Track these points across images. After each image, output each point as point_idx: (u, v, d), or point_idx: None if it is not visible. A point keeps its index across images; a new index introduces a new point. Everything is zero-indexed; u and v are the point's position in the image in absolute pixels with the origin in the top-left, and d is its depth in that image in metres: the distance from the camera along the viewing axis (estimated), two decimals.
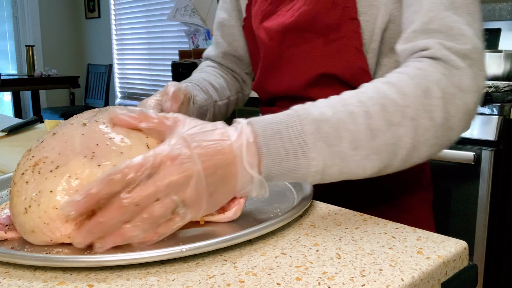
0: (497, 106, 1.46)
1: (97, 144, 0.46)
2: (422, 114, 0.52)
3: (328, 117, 0.50)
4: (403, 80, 0.54)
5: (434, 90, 0.53)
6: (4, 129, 1.11)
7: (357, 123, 0.50)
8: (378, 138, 0.50)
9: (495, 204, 1.50)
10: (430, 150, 0.54)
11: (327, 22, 0.71)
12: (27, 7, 4.87)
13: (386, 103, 0.52)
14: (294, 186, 0.63)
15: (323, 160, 0.49)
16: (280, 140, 0.48)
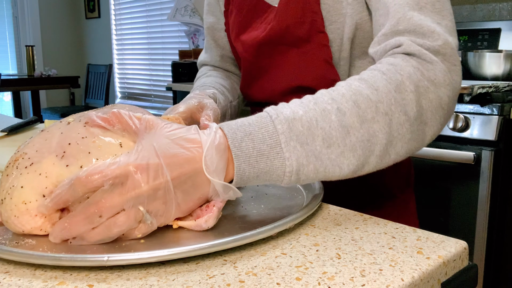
0: (497, 106, 1.46)
1: (69, 144, 0.47)
2: (395, 108, 0.52)
3: (299, 116, 0.49)
4: (375, 76, 0.54)
5: (406, 84, 0.53)
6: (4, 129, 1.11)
7: (330, 120, 0.49)
8: (352, 135, 0.50)
9: (495, 204, 1.50)
10: (407, 146, 0.53)
11: (298, 34, 0.73)
12: (27, 7, 4.87)
13: (358, 99, 0.51)
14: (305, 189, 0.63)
15: (297, 160, 0.48)
16: (252, 141, 0.47)
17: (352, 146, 0.50)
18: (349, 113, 0.50)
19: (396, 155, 0.53)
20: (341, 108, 0.50)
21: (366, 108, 0.51)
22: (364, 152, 0.51)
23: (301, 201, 0.58)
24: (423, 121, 0.54)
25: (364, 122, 0.50)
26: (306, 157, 0.48)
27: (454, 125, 1.51)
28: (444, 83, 0.55)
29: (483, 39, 2.01)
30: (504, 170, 1.50)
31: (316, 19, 0.71)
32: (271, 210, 0.55)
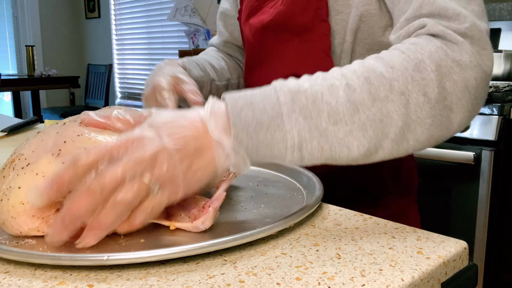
0: (497, 106, 1.46)
1: (64, 142, 0.47)
2: (413, 88, 0.48)
3: (304, 89, 0.46)
4: (393, 54, 0.50)
5: (427, 63, 0.49)
6: (4, 129, 1.11)
7: (337, 95, 0.46)
8: (362, 112, 0.46)
9: (495, 204, 1.50)
10: (428, 132, 0.49)
11: (301, 22, 0.73)
12: (27, 7, 4.87)
13: (370, 75, 0.48)
14: (304, 189, 0.63)
15: (299, 133, 0.45)
16: (252, 111, 0.45)
17: (361, 125, 0.46)
18: (360, 90, 0.47)
19: (415, 141, 0.49)
20: (350, 84, 0.47)
21: (379, 86, 0.47)
22: (376, 133, 0.47)
23: (301, 201, 0.58)
24: (447, 106, 0.49)
25: (376, 100, 0.47)
26: (309, 131, 0.45)
27: None
28: (471, 64, 0.50)
29: None
30: (504, 170, 1.50)
31: (320, 7, 0.70)
32: (271, 209, 0.55)
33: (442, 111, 0.49)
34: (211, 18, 3.40)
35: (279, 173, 0.70)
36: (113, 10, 4.61)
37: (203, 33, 3.33)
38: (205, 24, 3.37)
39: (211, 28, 3.29)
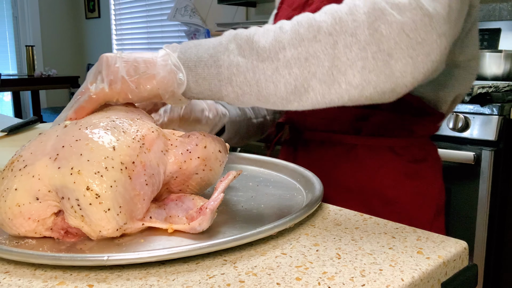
0: (497, 106, 1.46)
1: (62, 146, 0.47)
2: (341, 29, 0.48)
3: (245, 32, 0.51)
4: (331, 4, 0.51)
5: (360, 6, 0.49)
6: (4, 129, 1.11)
7: (268, 36, 0.50)
8: (288, 50, 0.48)
9: (495, 204, 1.50)
10: (361, 76, 0.48)
11: None
12: (27, 7, 4.87)
13: (303, 19, 0.50)
14: (304, 189, 0.63)
15: (228, 68, 0.50)
16: (197, 50, 0.52)
17: (286, 62, 0.48)
18: (290, 31, 0.49)
19: (348, 84, 0.48)
20: (282, 27, 0.50)
21: (308, 27, 0.49)
22: (302, 72, 0.48)
23: (301, 201, 0.58)
24: (383, 50, 0.47)
25: (304, 40, 0.48)
26: (237, 66, 0.50)
27: (454, 125, 1.51)
28: (410, 6, 0.48)
29: (483, 39, 2.01)
30: (504, 170, 1.50)
31: None
32: (271, 209, 0.55)
33: (377, 55, 0.48)
34: (211, 18, 3.40)
35: (279, 173, 0.70)
36: (113, 10, 4.61)
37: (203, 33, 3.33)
38: (205, 24, 3.37)
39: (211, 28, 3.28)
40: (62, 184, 0.45)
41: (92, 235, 0.46)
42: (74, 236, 0.47)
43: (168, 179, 0.52)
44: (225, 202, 0.58)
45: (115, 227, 0.45)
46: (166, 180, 0.52)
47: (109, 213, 0.45)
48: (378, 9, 0.48)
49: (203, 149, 0.54)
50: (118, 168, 0.46)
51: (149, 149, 0.49)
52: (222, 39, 0.52)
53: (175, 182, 0.53)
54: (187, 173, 0.53)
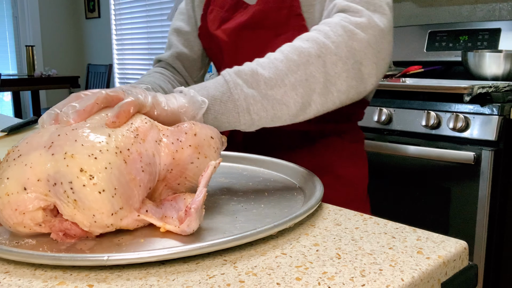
0: (497, 106, 1.46)
1: (58, 135, 0.47)
2: (326, 51, 0.61)
3: (242, 68, 0.59)
4: (308, 33, 0.64)
5: (334, 31, 0.62)
6: (4, 129, 1.11)
7: (269, 67, 0.59)
8: (291, 76, 0.59)
9: (495, 204, 1.50)
10: (346, 83, 0.62)
11: (276, 19, 0.82)
12: (27, 7, 4.87)
13: (291, 50, 0.61)
14: (304, 189, 0.63)
15: (245, 99, 0.58)
16: (206, 91, 0.57)
17: (292, 85, 0.59)
18: (285, 61, 0.60)
19: (338, 92, 0.62)
20: (276, 58, 0.60)
21: (300, 54, 0.60)
22: (305, 90, 0.59)
23: (301, 201, 0.58)
24: (357, 61, 0.62)
25: (300, 65, 0.60)
26: (253, 97, 0.58)
27: (454, 125, 1.51)
28: (369, 25, 0.64)
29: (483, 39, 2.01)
30: (504, 170, 1.50)
31: (293, 4, 0.80)
32: (271, 209, 0.55)
33: (354, 65, 0.62)
34: None
35: (279, 173, 0.70)
36: (113, 10, 4.61)
37: None
38: None
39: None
40: (55, 170, 0.44)
41: (85, 223, 0.45)
42: (73, 238, 0.47)
43: (164, 174, 0.52)
44: (225, 202, 0.58)
45: (110, 210, 0.44)
46: (162, 175, 0.52)
47: (104, 194, 0.44)
48: (348, 30, 0.63)
49: (193, 136, 0.53)
50: (113, 152, 0.45)
51: (144, 140, 0.49)
52: (225, 78, 0.59)
53: (171, 175, 0.53)
54: (181, 164, 0.52)
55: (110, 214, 0.45)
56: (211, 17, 0.92)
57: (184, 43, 0.99)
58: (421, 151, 1.59)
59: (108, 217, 0.45)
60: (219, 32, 0.89)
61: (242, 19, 0.85)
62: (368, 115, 1.73)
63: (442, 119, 1.55)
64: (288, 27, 0.81)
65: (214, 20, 0.91)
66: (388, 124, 1.69)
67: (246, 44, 0.86)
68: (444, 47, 2.12)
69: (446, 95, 1.58)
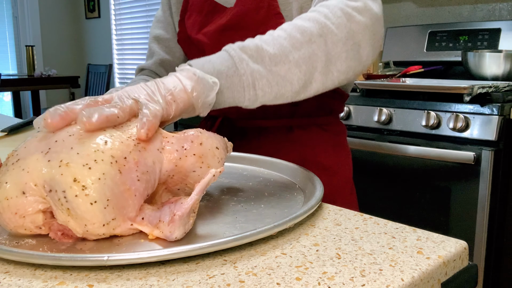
0: (497, 106, 1.46)
1: (55, 141, 0.47)
2: (327, 30, 0.63)
3: (247, 44, 0.59)
4: (307, 14, 0.65)
5: (333, 13, 0.64)
6: (4, 129, 1.11)
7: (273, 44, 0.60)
8: (295, 53, 0.60)
9: (495, 204, 1.50)
10: (345, 63, 0.64)
11: (255, 19, 0.83)
12: (27, 7, 4.87)
13: (293, 28, 0.62)
14: (304, 189, 0.63)
15: (251, 74, 0.57)
16: (212, 65, 0.57)
17: (296, 62, 0.60)
18: (289, 38, 0.61)
19: (338, 72, 0.64)
20: (280, 35, 0.61)
21: (303, 33, 0.61)
22: (308, 68, 0.61)
23: (301, 201, 0.58)
24: (356, 43, 0.64)
25: (303, 43, 0.61)
26: (258, 72, 0.58)
27: (454, 125, 1.51)
28: (365, 9, 0.67)
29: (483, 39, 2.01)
30: (504, 170, 1.50)
31: (272, 3, 0.82)
32: (271, 209, 0.55)
33: (353, 47, 0.64)
34: None
35: (279, 173, 0.70)
36: (113, 10, 4.61)
37: None
38: None
39: None
40: (51, 177, 0.44)
41: (78, 230, 0.45)
42: (71, 238, 0.47)
43: (165, 178, 0.52)
44: (225, 202, 0.58)
45: (101, 221, 0.44)
46: (163, 179, 0.52)
47: (96, 205, 0.44)
48: (347, 13, 0.65)
49: (198, 146, 0.53)
50: (107, 161, 0.45)
51: (145, 148, 0.49)
52: (229, 53, 0.58)
53: (172, 181, 0.53)
54: (183, 171, 0.52)
55: (101, 225, 0.44)
56: (190, 22, 0.93)
57: (165, 50, 1.00)
58: (421, 151, 1.59)
59: (99, 227, 0.45)
60: (200, 36, 0.90)
61: (222, 22, 0.86)
62: (368, 115, 1.73)
63: (442, 119, 1.55)
64: (267, 26, 0.82)
65: (193, 25, 0.93)
66: (388, 124, 1.69)
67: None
68: (444, 47, 2.12)
69: (446, 95, 1.58)
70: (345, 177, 0.92)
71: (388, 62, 2.24)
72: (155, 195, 0.53)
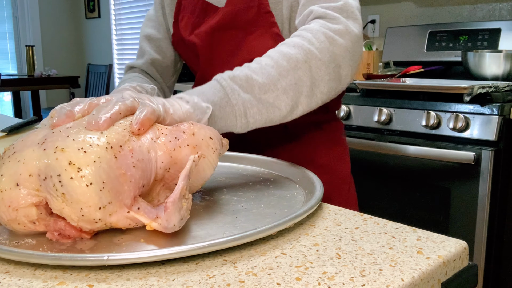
0: (497, 106, 1.46)
1: (52, 132, 0.47)
2: (311, 56, 0.66)
3: (237, 74, 0.63)
4: (292, 39, 0.69)
5: (316, 38, 0.67)
6: (4, 129, 1.11)
7: (262, 73, 0.63)
8: (282, 81, 0.64)
9: (495, 204, 1.50)
10: (328, 85, 0.67)
11: (246, 18, 0.84)
12: (27, 7, 4.87)
13: (279, 56, 0.65)
14: (304, 188, 0.63)
15: (243, 104, 0.61)
16: (206, 97, 0.60)
17: (283, 89, 0.63)
18: (276, 66, 0.64)
19: (321, 93, 0.67)
20: (267, 64, 0.64)
21: (289, 60, 0.65)
22: (295, 93, 0.64)
23: (301, 201, 0.58)
24: (337, 65, 0.68)
25: (289, 70, 0.64)
26: (249, 101, 0.61)
27: (454, 125, 1.51)
28: (346, 31, 0.69)
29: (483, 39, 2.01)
30: (504, 170, 1.50)
31: (262, 2, 0.83)
32: (271, 209, 0.55)
33: (335, 69, 0.68)
34: None
35: (279, 173, 0.70)
36: (113, 10, 4.61)
37: None
38: None
39: None
40: (46, 164, 0.44)
41: (73, 218, 0.44)
42: (68, 238, 0.47)
43: (162, 173, 0.52)
44: (225, 202, 0.58)
45: (97, 203, 0.44)
46: (160, 174, 0.52)
47: (91, 187, 0.43)
48: (329, 37, 0.68)
49: (191, 136, 0.53)
50: (103, 147, 0.45)
51: (140, 138, 0.50)
52: (221, 83, 0.62)
53: (169, 175, 0.52)
54: (179, 162, 0.52)
55: (97, 207, 0.44)
56: (183, 24, 0.94)
57: (156, 49, 1.00)
58: (421, 151, 1.59)
59: (95, 210, 0.44)
60: (193, 37, 0.91)
61: (213, 22, 0.87)
62: (368, 115, 1.73)
63: (442, 119, 1.55)
64: (258, 25, 0.84)
65: (186, 26, 0.93)
66: (388, 124, 1.69)
67: (219, 45, 0.88)
68: (444, 47, 2.12)
69: (446, 95, 1.58)
70: (343, 174, 0.92)
71: (388, 62, 2.24)
72: (152, 193, 0.53)
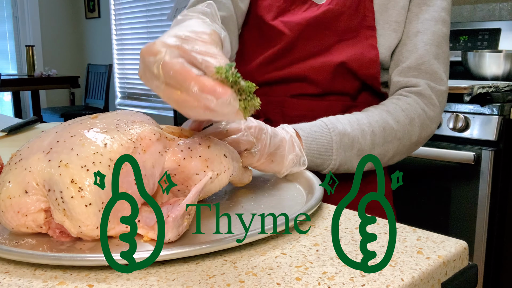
0: (497, 106, 1.45)
1: (57, 141, 0.47)
2: (405, 136, 0.77)
3: (348, 132, 0.72)
4: (397, 111, 0.77)
5: (416, 121, 0.78)
6: (4, 129, 1.11)
7: (365, 139, 0.73)
8: (375, 150, 0.74)
9: (495, 204, 1.50)
10: (399, 158, 0.79)
11: (347, 25, 0.82)
12: (27, 7, 4.87)
13: (386, 126, 0.75)
14: (304, 188, 0.63)
15: (340, 161, 0.72)
16: (316, 144, 0.70)
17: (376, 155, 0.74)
18: (378, 135, 0.74)
19: (392, 161, 0.79)
20: (374, 132, 0.74)
21: (389, 133, 0.75)
22: (381, 159, 0.76)
23: (301, 201, 0.58)
24: (418, 144, 0.80)
25: (385, 143, 0.75)
26: (345, 160, 0.72)
27: (454, 125, 1.51)
28: (436, 119, 0.81)
29: (483, 39, 2.01)
30: (504, 170, 1.50)
31: (367, 15, 0.82)
32: (271, 210, 0.55)
33: (414, 147, 0.80)
34: None
35: None
36: (113, 10, 4.61)
37: None
38: None
39: None
40: (50, 176, 0.45)
41: (72, 231, 0.45)
42: (68, 236, 0.47)
43: None
44: (225, 202, 0.58)
45: (95, 223, 0.44)
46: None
47: (90, 208, 0.44)
48: (424, 124, 0.79)
49: (206, 148, 0.52)
50: (106, 164, 0.45)
51: (145, 150, 0.49)
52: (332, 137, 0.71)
53: (174, 180, 0.52)
54: (186, 172, 0.52)
55: (95, 227, 0.44)
56: (267, 3, 0.86)
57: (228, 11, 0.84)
58: (421, 151, 1.59)
59: (93, 229, 0.45)
60: (278, 23, 0.84)
61: (309, 15, 0.82)
62: None
63: (442, 119, 1.55)
64: (355, 35, 0.82)
65: (270, 8, 0.85)
66: None
67: (307, 42, 0.84)
68: None
69: None
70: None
71: None
72: (156, 195, 0.53)
